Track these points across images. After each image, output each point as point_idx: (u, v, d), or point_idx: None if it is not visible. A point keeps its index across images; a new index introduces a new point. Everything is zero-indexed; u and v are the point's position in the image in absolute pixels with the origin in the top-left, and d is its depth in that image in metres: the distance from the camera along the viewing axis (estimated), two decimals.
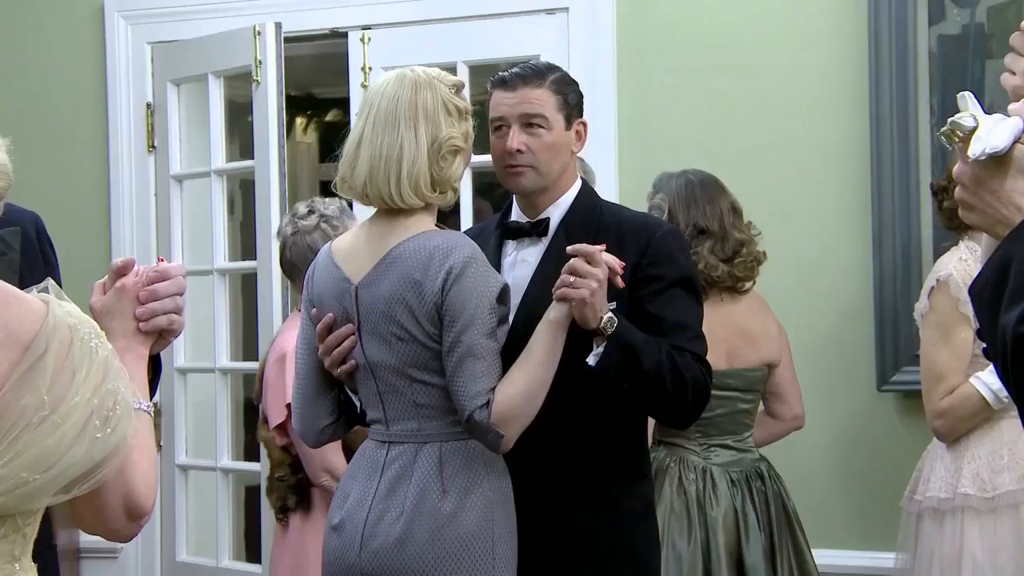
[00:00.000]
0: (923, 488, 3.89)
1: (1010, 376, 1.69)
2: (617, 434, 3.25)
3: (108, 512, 2.11)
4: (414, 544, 2.99)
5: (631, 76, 4.75)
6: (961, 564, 3.74)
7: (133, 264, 2.28)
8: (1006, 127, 1.81)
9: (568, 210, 3.28)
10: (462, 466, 3.04)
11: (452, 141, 3.05)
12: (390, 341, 3.05)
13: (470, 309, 2.96)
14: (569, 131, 3.26)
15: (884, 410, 4.46)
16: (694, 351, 3.16)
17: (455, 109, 3.07)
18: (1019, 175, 1.80)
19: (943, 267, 3.84)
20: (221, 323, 5.20)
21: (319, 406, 3.24)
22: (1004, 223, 1.80)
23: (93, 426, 1.96)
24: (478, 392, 2.95)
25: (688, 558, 3.87)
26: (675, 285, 3.20)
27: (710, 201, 4.01)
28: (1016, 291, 1.69)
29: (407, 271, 3.01)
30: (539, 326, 3.04)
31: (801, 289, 4.15)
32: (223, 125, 5.21)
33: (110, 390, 1.99)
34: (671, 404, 3.16)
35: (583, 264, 3.00)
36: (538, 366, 3.01)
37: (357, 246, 3.14)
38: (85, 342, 1.98)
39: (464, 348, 2.96)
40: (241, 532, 5.45)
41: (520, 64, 3.33)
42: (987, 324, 1.76)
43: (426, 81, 3.08)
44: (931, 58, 4.40)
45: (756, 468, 4.02)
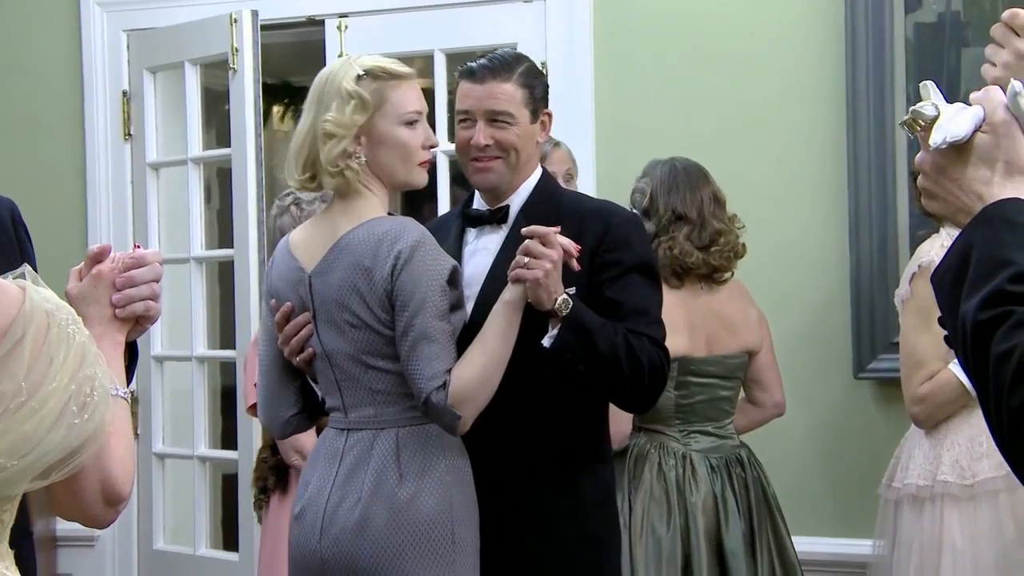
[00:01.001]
0: (901, 475, 3.88)
1: (970, 363, 1.67)
2: (576, 419, 3.25)
3: (85, 498, 2.09)
4: (373, 529, 2.99)
5: (608, 64, 4.72)
6: (941, 551, 3.73)
7: (109, 251, 2.26)
8: (967, 116, 1.79)
9: (528, 198, 3.29)
10: (419, 451, 3.04)
11: (324, 126, 3.03)
12: (344, 329, 3.05)
13: (420, 293, 2.96)
14: (535, 123, 3.26)
15: (861, 398, 4.45)
16: (652, 335, 3.16)
17: (348, 95, 3.05)
18: (979, 163, 1.78)
19: (924, 253, 3.83)
20: (198, 311, 5.16)
21: (282, 396, 3.25)
22: (965, 211, 1.78)
23: (71, 412, 1.93)
24: (434, 374, 2.95)
25: (668, 543, 3.84)
26: (633, 270, 3.20)
27: (691, 188, 3.99)
28: (976, 279, 1.67)
29: (357, 258, 3.02)
30: (494, 307, 3.05)
31: (778, 277, 4.14)
32: (200, 113, 5.16)
33: (87, 376, 1.96)
34: (627, 387, 3.16)
35: (537, 245, 3.01)
36: (494, 347, 3.02)
37: (311, 236, 3.16)
38: (62, 328, 1.95)
39: (417, 332, 2.96)
40: (218, 520, 5.43)
41: (488, 55, 3.29)
42: (948, 312, 1.74)
43: (339, 68, 3.11)
44: (907, 46, 4.38)
45: (736, 454, 4.00)
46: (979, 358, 1.63)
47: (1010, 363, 1.58)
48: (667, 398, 3.92)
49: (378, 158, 3.10)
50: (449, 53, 4.82)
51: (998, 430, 1.61)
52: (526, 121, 3.23)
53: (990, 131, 1.79)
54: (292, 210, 4.17)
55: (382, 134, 3.08)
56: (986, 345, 1.62)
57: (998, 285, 1.64)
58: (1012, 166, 1.78)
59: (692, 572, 3.84)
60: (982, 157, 1.78)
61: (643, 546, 3.82)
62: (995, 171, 1.78)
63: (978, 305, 1.65)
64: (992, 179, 1.78)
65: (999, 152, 1.78)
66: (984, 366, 1.62)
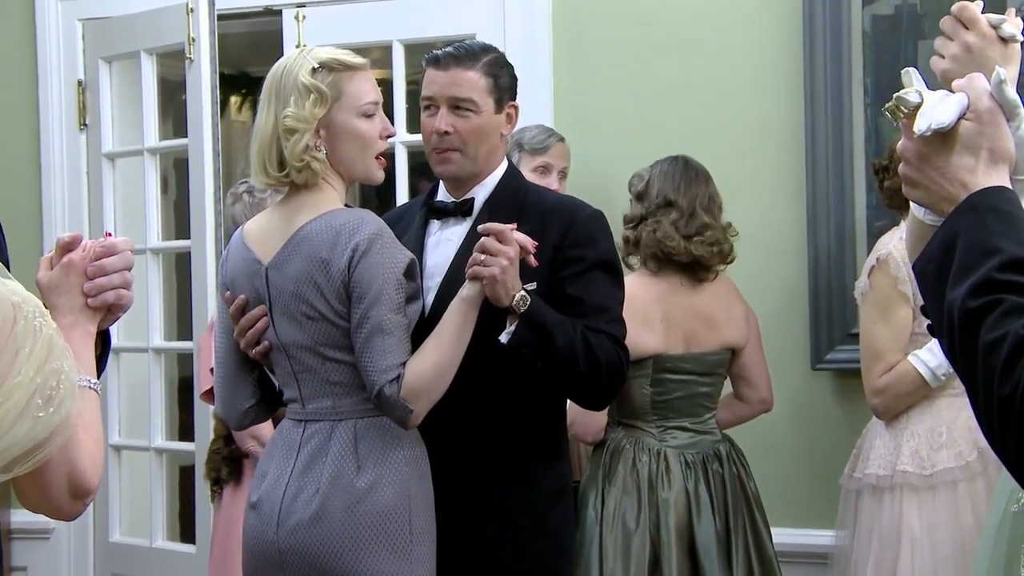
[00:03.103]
0: (862, 466, 3.91)
1: (956, 352, 1.66)
2: (534, 413, 3.25)
3: (52, 490, 2.07)
4: (330, 520, 2.99)
5: (567, 53, 4.69)
6: (900, 540, 3.75)
7: (81, 239, 2.23)
8: (951, 103, 1.78)
9: (493, 191, 3.28)
10: (377, 442, 3.04)
11: (286, 121, 3.02)
12: (300, 320, 3.04)
13: (377, 285, 2.95)
14: (499, 114, 3.25)
15: (819, 389, 4.44)
16: (611, 333, 3.17)
17: (305, 89, 3.03)
18: (964, 151, 1.77)
19: (884, 246, 3.87)
20: (155, 303, 5.12)
21: (240, 388, 3.24)
22: (948, 199, 1.77)
23: (36, 405, 1.90)
24: (388, 367, 2.95)
25: (637, 537, 3.84)
26: (596, 267, 3.21)
27: (688, 182, 4.00)
28: (962, 268, 1.66)
29: (314, 250, 3.01)
30: (452, 303, 3.06)
31: (735, 269, 4.12)
32: (156, 103, 5.10)
33: (54, 369, 1.93)
34: (584, 384, 3.18)
35: (494, 243, 3.01)
36: (449, 343, 3.02)
37: (267, 228, 3.14)
38: (29, 320, 1.93)
39: (372, 324, 2.95)
40: (176, 512, 5.40)
41: (456, 44, 3.30)
42: (932, 301, 1.73)
43: (292, 61, 3.09)
44: (864, 38, 4.37)
45: (715, 450, 3.99)
46: (967, 346, 1.62)
47: (1000, 351, 1.57)
48: (643, 395, 3.94)
49: (337, 150, 3.08)
50: (407, 43, 4.79)
51: (987, 419, 1.60)
52: (490, 110, 3.23)
53: (974, 118, 1.78)
54: (245, 198, 4.22)
55: (340, 126, 3.07)
56: (975, 333, 1.61)
57: (986, 273, 1.63)
58: (996, 154, 1.77)
59: (661, 567, 3.83)
60: (966, 145, 1.77)
61: (612, 539, 3.82)
62: (979, 159, 1.77)
63: (966, 293, 1.63)
64: (976, 167, 1.77)
65: (983, 140, 1.77)
66: (973, 354, 1.61)
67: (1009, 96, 1.80)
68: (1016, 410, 1.55)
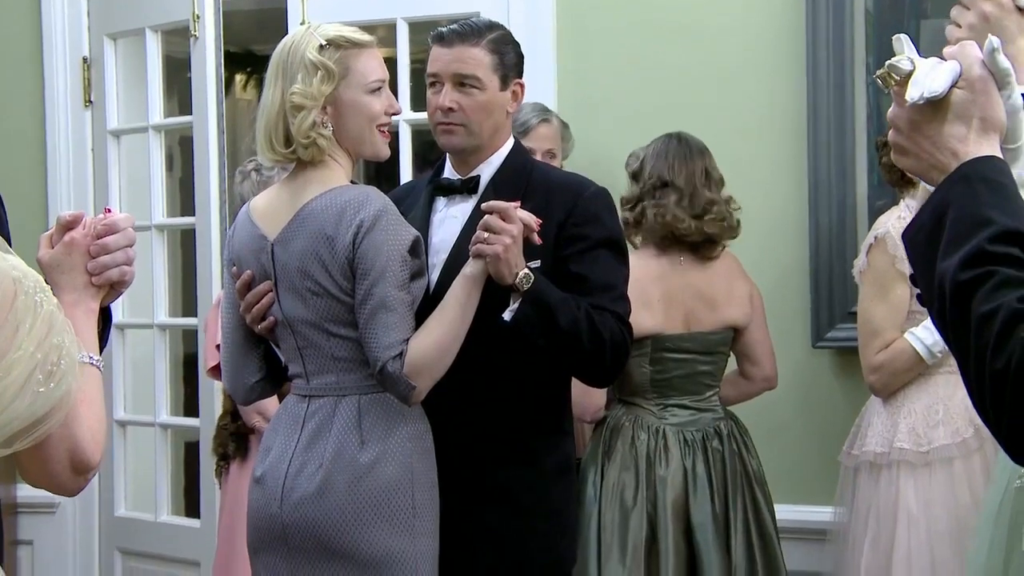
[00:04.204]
0: (860, 443, 3.90)
1: (948, 324, 1.65)
2: (538, 391, 3.25)
3: (53, 466, 2.08)
4: (333, 495, 3.00)
5: (570, 34, 4.68)
6: (896, 517, 3.76)
7: (83, 218, 2.24)
8: (944, 71, 1.76)
9: (499, 168, 3.28)
10: (380, 418, 3.04)
11: (293, 98, 3.03)
12: (305, 296, 3.05)
13: (381, 262, 2.95)
14: (505, 91, 3.24)
15: (819, 366, 4.45)
16: (615, 311, 3.16)
17: (311, 66, 3.04)
18: (955, 120, 1.76)
19: (882, 225, 3.85)
20: (159, 279, 5.13)
21: (246, 363, 3.25)
22: (939, 168, 1.76)
23: (36, 380, 1.91)
24: (391, 343, 2.95)
25: (634, 514, 3.86)
26: (600, 246, 3.20)
27: (682, 159, 3.99)
28: (953, 238, 1.65)
29: (319, 226, 3.01)
30: (455, 280, 3.05)
31: (737, 248, 4.12)
32: (161, 80, 5.10)
33: (55, 344, 1.93)
34: (588, 361, 3.17)
35: (497, 220, 3.01)
36: (452, 320, 3.02)
37: (273, 204, 3.15)
38: (29, 296, 1.93)
39: (376, 300, 2.95)
40: (180, 487, 5.41)
41: (461, 21, 3.29)
42: (921, 269, 1.72)
43: (299, 39, 3.09)
44: (867, 17, 4.35)
45: (716, 427, 4.00)
46: (959, 319, 1.61)
47: (993, 324, 1.56)
48: (642, 373, 3.95)
49: (344, 127, 3.09)
50: (411, 22, 4.76)
51: (979, 393, 1.59)
52: (495, 87, 3.22)
53: (966, 87, 1.76)
54: (253, 176, 4.20)
55: (347, 103, 3.08)
56: (967, 305, 1.59)
57: (978, 245, 1.62)
58: (988, 123, 1.76)
59: (658, 544, 3.85)
60: (958, 114, 1.76)
61: (611, 514, 3.84)
62: (971, 128, 1.75)
63: (958, 265, 1.62)
64: (968, 136, 1.75)
65: (975, 108, 1.76)
66: (965, 327, 1.60)
67: (1001, 65, 1.77)
68: (1009, 383, 1.53)
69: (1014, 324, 1.54)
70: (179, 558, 5.03)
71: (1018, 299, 1.56)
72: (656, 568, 3.84)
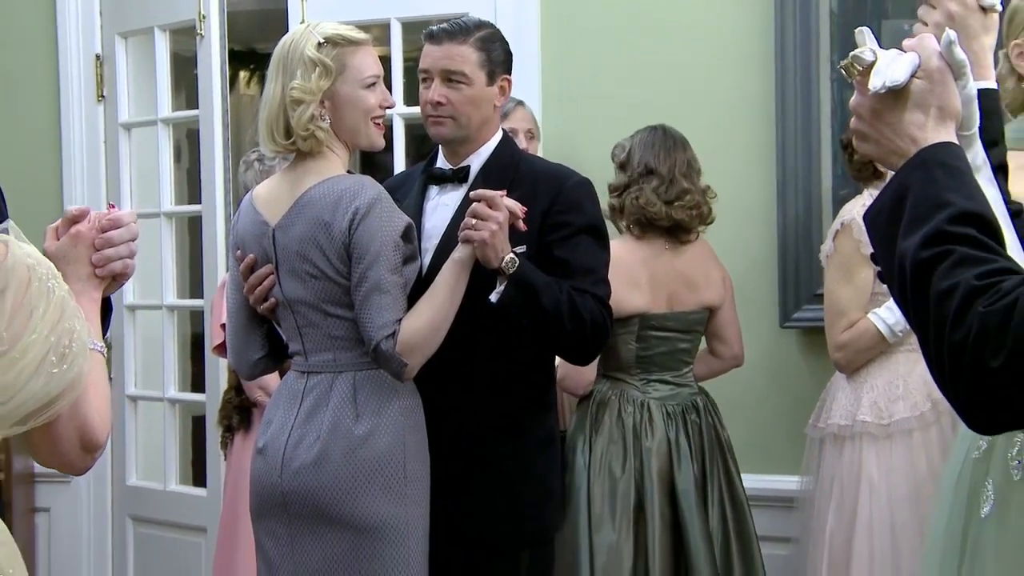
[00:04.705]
0: (825, 416, 3.91)
1: (908, 300, 1.63)
2: (523, 368, 3.25)
3: (63, 445, 2.07)
4: (330, 464, 2.99)
5: (554, 32, 4.65)
6: (859, 485, 3.75)
7: (88, 212, 2.22)
8: (904, 62, 1.74)
9: (488, 159, 3.27)
10: (374, 393, 3.03)
11: (293, 93, 3.02)
12: (304, 279, 3.04)
13: (376, 246, 2.94)
14: (492, 86, 3.23)
15: (787, 345, 4.43)
16: (596, 293, 3.16)
17: (311, 63, 3.03)
18: (915, 108, 1.74)
19: (847, 212, 3.86)
20: (168, 263, 5.09)
21: (250, 341, 3.24)
22: (899, 153, 1.74)
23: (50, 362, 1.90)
24: (384, 323, 2.94)
25: (622, 483, 3.85)
26: (582, 232, 3.20)
27: (667, 150, 3.98)
28: (913, 219, 1.63)
29: (318, 213, 3.00)
30: (445, 265, 3.05)
31: (711, 234, 4.11)
32: (169, 76, 5.06)
33: (66, 328, 1.93)
34: (570, 341, 3.17)
35: (484, 208, 3.01)
36: (442, 302, 3.01)
37: (275, 192, 3.14)
38: (43, 282, 1.92)
39: (371, 283, 2.94)
40: (188, 458, 5.40)
41: (451, 20, 3.28)
42: (883, 249, 1.70)
43: (299, 37, 3.08)
44: (832, 18, 4.33)
45: (693, 401, 4.00)
46: (919, 295, 1.59)
47: (952, 300, 1.54)
48: (628, 350, 3.94)
49: (341, 120, 3.08)
50: (405, 21, 4.73)
51: (938, 365, 1.57)
52: (481, 83, 3.21)
53: (925, 77, 1.75)
54: (256, 166, 4.23)
55: (345, 97, 3.07)
56: (927, 282, 1.58)
57: (937, 225, 1.60)
58: (945, 111, 1.75)
59: (645, 510, 3.84)
60: (917, 102, 1.74)
61: (600, 485, 3.83)
62: (929, 116, 1.74)
63: (918, 244, 1.60)
64: (926, 123, 1.74)
65: (933, 98, 1.74)
66: (925, 303, 1.58)
67: (957, 56, 1.76)
68: (967, 355, 1.51)
69: (972, 299, 1.53)
70: (187, 524, 5.01)
71: (975, 276, 1.54)
72: (644, 532, 3.83)
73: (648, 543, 3.82)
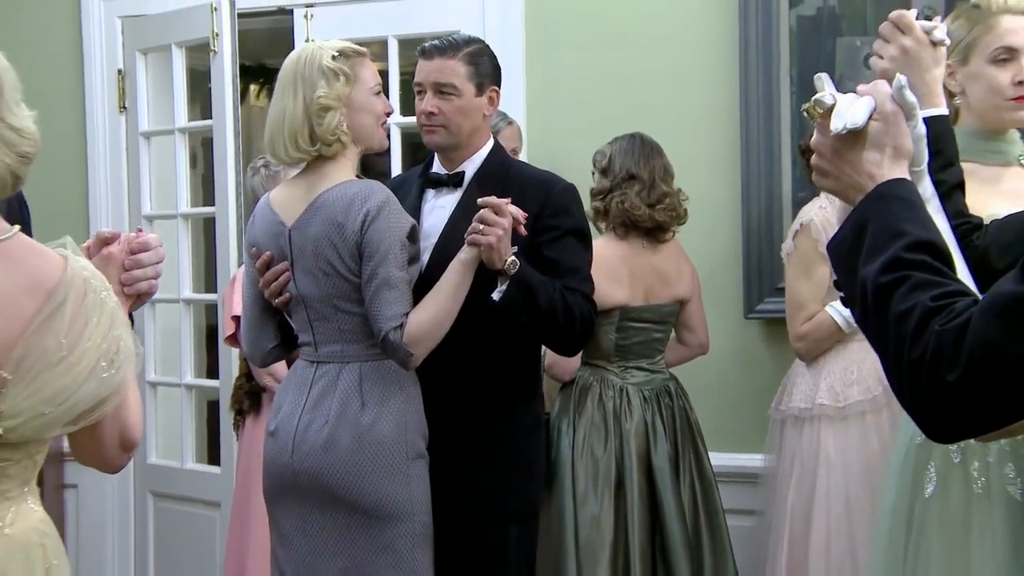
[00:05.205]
0: (786, 400, 3.91)
1: (870, 322, 1.63)
2: (515, 360, 3.25)
3: (106, 443, 2.09)
4: (338, 449, 2.98)
5: (538, 48, 4.65)
6: (817, 462, 3.76)
7: (119, 235, 2.23)
8: (862, 105, 1.75)
9: (481, 165, 3.25)
10: (379, 382, 3.02)
11: (321, 100, 2.99)
12: (318, 276, 3.01)
13: (385, 245, 2.92)
14: (480, 97, 3.22)
15: (750, 334, 4.43)
16: (583, 291, 3.17)
17: (333, 73, 3.01)
18: (871, 147, 1.74)
19: (806, 214, 3.86)
20: (184, 261, 5.07)
21: (263, 332, 3.22)
22: (857, 188, 1.74)
23: (101, 367, 1.93)
24: (393, 316, 2.92)
25: (604, 462, 3.85)
26: (569, 234, 3.19)
27: (646, 156, 3.98)
28: (873, 248, 1.64)
29: (331, 215, 2.98)
30: (451, 264, 3.02)
31: (681, 233, 4.11)
32: (185, 90, 5.04)
33: (115, 336, 1.96)
34: (561, 335, 3.17)
35: (491, 214, 2.98)
36: (447, 298, 2.99)
37: (290, 195, 3.11)
38: (96, 293, 1.95)
39: (380, 279, 2.93)
40: (203, 439, 5.37)
41: (443, 37, 3.28)
42: (845, 275, 1.71)
43: (311, 52, 3.05)
44: (791, 35, 4.33)
45: (665, 386, 4.01)
46: (880, 316, 1.59)
47: (910, 320, 1.54)
48: (609, 340, 3.94)
49: (357, 124, 3.07)
50: (401, 38, 4.73)
51: (898, 381, 1.56)
52: (470, 94, 3.20)
53: (881, 119, 1.75)
54: (262, 171, 4.26)
55: (359, 103, 3.06)
56: (886, 305, 1.58)
57: (895, 253, 1.61)
58: (899, 150, 1.75)
59: (624, 486, 3.85)
60: (874, 142, 1.74)
61: (583, 464, 3.83)
62: (884, 155, 1.74)
63: (878, 270, 1.60)
64: (882, 161, 1.74)
65: (888, 138, 1.75)
66: (885, 323, 1.58)
67: (908, 99, 1.77)
68: (925, 371, 1.51)
69: (928, 319, 1.53)
70: (202, 499, 4.99)
71: (930, 298, 1.55)
72: (624, 506, 3.83)
73: (628, 516, 3.83)
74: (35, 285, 1.91)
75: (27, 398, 1.90)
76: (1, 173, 1.95)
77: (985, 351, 1.47)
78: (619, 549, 3.82)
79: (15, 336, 1.89)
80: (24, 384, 1.89)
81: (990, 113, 2.67)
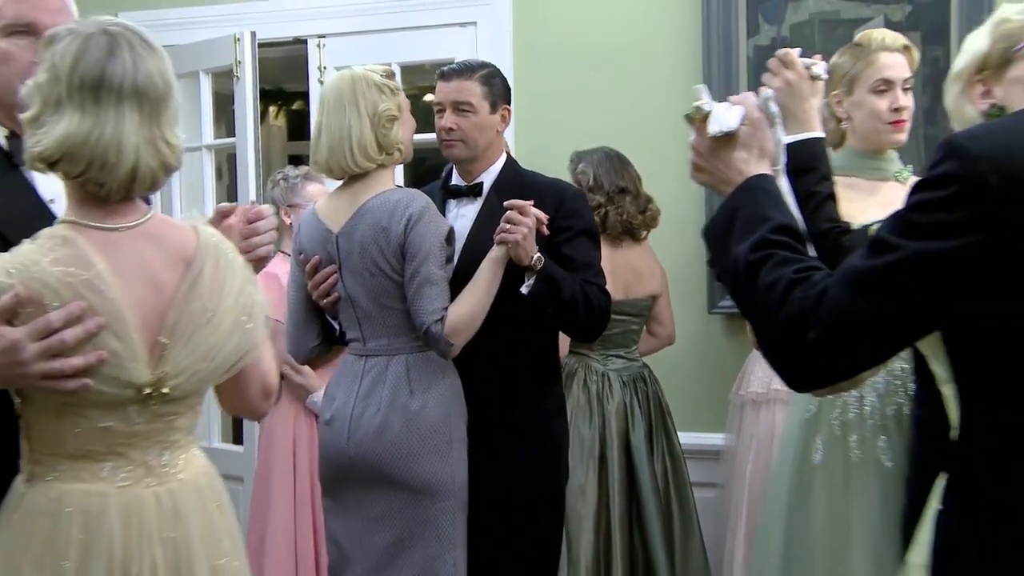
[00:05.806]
0: (745, 385, 3.91)
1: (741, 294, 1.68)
2: (540, 347, 3.23)
3: (249, 392, 2.08)
4: (391, 433, 2.95)
5: (525, 74, 4.66)
6: (772, 441, 3.77)
7: (236, 208, 2.24)
8: (735, 112, 1.83)
9: (497, 176, 3.24)
10: (424, 372, 3.00)
11: (388, 112, 2.97)
12: (364, 277, 2.99)
13: (426, 246, 2.91)
14: (494, 114, 3.21)
15: (713, 328, 4.45)
16: (598, 284, 3.16)
17: (387, 88, 2.99)
18: (742, 148, 1.82)
19: None
20: None
21: (307, 332, 3.19)
22: (728, 182, 1.81)
23: (241, 321, 1.94)
24: (434, 310, 2.90)
25: (588, 440, 3.88)
26: (582, 234, 3.19)
27: (624, 169, 4.02)
28: (743, 231, 1.70)
29: (376, 220, 2.96)
30: (483, 262, 3.01)
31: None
32: (211, 111, 5.06)
33: (248, 293, 1.97)
34: (582, 325, 3.15)
35: (516, 215, 2.97)
36: (482, 292, 2.97)
37: (335, 204, 3.09)
38: (226, 256, 1.96)
39: (422, 277, 2.91)
40: (228, 420, 5.38)
41: (460, 61, 3.28)
42: (719, 254, 1.76)
43: (361, 74, 3.02)
44: (748, 62, 4.36)
45: (641, 373, 4.02)
46: (750, 289, 1.64)
47: (776, 290, 1.60)
48: None
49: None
50: (403, 65, 4.73)
51: (766, 341, 1.61)
52: (485, 111, 3.19)
53: (750, 125, 1.83)
54: (281, 183, 4.25)
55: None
56: (755, 278, 1.64)
57: (762, 234, 1.68)
58: (763, 151, 1.83)
59: (606, 460, 3.87)
60: (744, 144, 1.82)
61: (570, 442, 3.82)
62: (752, 154, 1.82)
63: (748, 249, 1.67)
64: (750, 160, 1.81)
65: (755, 141, 1.82)
66: (754, 295, 1.63)
67: (772, 110, 1.86)
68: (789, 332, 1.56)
69: (791, 289, 1.58)
70: (226, 475, 4.75)
71: (793, 271, 1.61)
72: (605, 478, 3.86)
73: (609, 487, 3.85)
74: (176, 257, 1.93)
75: (185, 357, 1.90)
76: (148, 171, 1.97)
77: (838, 314, 1.53)
78: (601, 516, 3.84)
79: (166, 305, 1.90)
80: (180, 346, 1.90)
81: (872, 135, 2.85)
